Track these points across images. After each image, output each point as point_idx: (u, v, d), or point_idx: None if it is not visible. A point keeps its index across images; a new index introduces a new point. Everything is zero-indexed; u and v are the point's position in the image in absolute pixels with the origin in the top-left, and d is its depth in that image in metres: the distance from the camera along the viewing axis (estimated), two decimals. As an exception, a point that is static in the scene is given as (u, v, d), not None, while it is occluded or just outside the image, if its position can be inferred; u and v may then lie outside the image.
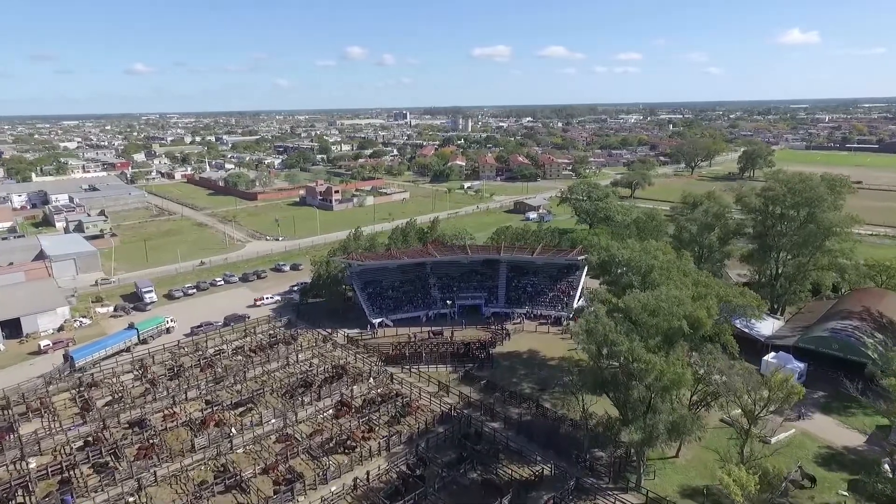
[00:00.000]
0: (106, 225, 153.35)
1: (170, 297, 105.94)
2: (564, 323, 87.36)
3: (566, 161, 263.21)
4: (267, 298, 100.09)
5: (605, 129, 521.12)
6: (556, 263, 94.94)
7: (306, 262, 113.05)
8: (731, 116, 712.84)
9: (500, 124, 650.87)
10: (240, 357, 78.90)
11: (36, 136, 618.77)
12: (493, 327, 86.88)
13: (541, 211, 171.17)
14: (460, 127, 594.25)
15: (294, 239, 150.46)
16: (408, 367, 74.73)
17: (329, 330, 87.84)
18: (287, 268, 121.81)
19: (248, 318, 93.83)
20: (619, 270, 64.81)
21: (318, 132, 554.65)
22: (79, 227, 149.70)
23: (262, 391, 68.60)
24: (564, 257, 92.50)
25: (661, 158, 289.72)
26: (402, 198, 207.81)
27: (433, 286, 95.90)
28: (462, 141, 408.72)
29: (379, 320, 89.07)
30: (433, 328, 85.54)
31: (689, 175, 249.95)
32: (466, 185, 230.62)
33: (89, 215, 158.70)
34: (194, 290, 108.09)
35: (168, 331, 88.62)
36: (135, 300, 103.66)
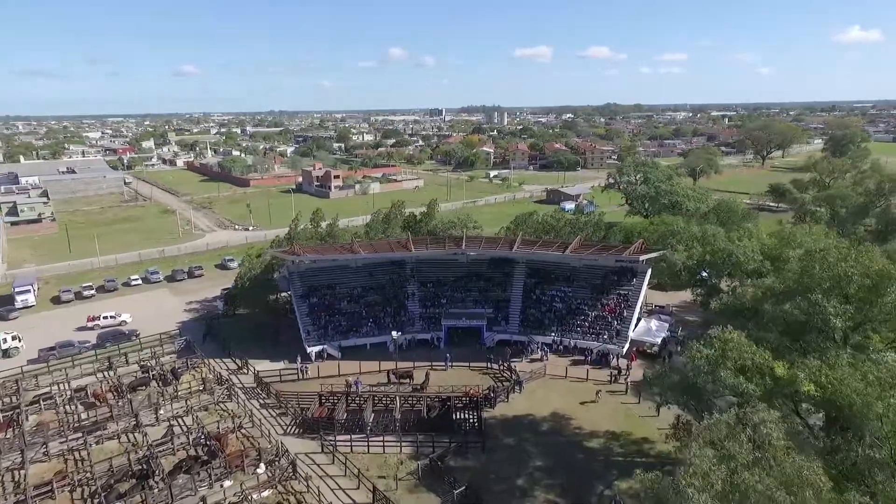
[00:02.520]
0: (46, 208, 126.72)
1: (57, 300, 76.85)
2: (614, 363, 53.61)
3: (611, 149, 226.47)
4: (106, 318, 67.33)
5: (654, 122, 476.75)
6: (600, 266, 61.28)
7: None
8: (790, 113, 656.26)
9: (540, 119, 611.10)
10: (77, 406, 48.27)
11: (71, 128, 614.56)
12: (499, 366, 53.95)
13: (580, 201, 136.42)
14: (496, 121, 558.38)
15: (267, 229, 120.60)
16: (332, 442, 42.24)
17: (240, 361, 56.45)
18: (235, 264, 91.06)
19: (138, 335, 63.50)
20: (752, 291, 30.73)
21: (346, 125, 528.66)
22: (12, 211, 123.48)
23: (51, 488, 37.43)
24: (617, 256, 58.58)
25: (723, 149, 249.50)
26: (415, 185, 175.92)
27: (412, 296, 63.44)
28: (495, 132, 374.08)
29: (319, 348, 57.16)
30: (397, 367, 52.88)
31: (759, 166, 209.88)
32: (493, 173, 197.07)
33: (29, 197, 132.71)
34: (93, 292, 78.59)
35: (6, 354, 58.93)
36: (8, 303, 74.99)
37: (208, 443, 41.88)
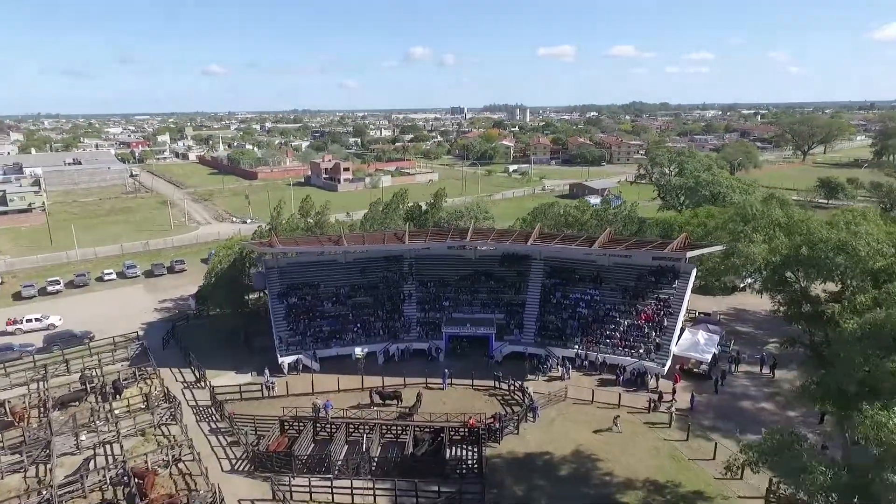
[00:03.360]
0: (37, 198, 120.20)
1: (18, 297, 68.99)
2: (653, 385, 43.13)
3: (638, 143, 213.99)
4: (30, 321, 58.23)
5: (682, 120, 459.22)
6: (635, 265, 50.89)
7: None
8: (825, 111, 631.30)
9: (563, 117, 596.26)
10: (-11, 427, 39.57)
11: (96, 125, 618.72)
12: (509, 386, 43.84)
13: (606, 195, 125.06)
14: (517, 118, 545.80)
15: (265, 222, 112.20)
16: (286, 486, 32.61)
17: (200, 373, 47.28)
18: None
19: (92, 337, 54.94)
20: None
21: (365, 122, 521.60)
22: (1, 200, 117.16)
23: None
24: (655, 252, 48.06)
25: (758, 144, 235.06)
26: (429, 179, 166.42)
27: (409, 298, 53.68)
28: (516, 128, 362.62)
29: (293, 359, 47.75)
30: (383, 386, 43.13)
31: (799, 161, 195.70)
32: (512, 167, 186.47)
33: (20, 186, 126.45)
34: (60, 288, 70.59)
35: (-69, 359, 50.72)
36: (-36, 299, 67.46)
37: (130, 482, 32.66)
